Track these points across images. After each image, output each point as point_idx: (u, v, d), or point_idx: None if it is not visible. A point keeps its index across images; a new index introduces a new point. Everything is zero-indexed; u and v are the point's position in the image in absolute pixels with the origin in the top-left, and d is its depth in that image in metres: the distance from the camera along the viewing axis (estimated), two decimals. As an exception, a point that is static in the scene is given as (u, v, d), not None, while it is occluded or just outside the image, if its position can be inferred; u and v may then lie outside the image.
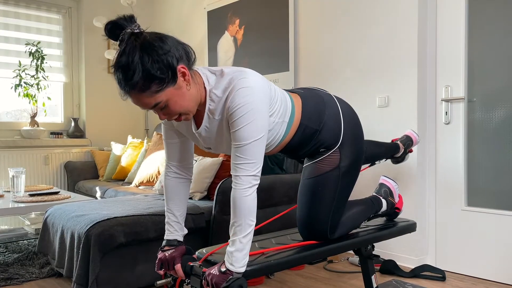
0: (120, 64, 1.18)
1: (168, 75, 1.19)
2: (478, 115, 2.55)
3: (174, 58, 1.20)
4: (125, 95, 1.22)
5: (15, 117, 4.46)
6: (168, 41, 1.22)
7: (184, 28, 4.55)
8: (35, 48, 4.34)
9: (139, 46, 1.17)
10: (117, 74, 1.19)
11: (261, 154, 1.29)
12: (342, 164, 1.53)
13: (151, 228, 2.24)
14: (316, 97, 1.56)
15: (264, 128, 1.28)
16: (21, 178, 3.16)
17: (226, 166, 2.81)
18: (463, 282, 2.48)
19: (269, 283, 2.45)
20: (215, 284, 1.23)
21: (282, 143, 1.51)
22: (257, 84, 1.28)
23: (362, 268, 1.84)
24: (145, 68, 1.16)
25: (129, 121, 5.03)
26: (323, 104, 1.55)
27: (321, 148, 1.54)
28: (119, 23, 1.19)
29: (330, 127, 1.53)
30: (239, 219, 1.26)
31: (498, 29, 2.45)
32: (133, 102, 1.23)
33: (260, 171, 1.29)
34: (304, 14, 3.33)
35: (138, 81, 1.17)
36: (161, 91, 1.20)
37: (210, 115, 1.33)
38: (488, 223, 2.50)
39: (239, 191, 1.26)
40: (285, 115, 1.44)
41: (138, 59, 1.16)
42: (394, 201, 1.86)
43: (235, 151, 1.28)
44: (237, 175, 1.27)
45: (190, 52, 1.28)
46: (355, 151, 1.57)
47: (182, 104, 1.26)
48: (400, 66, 2.74)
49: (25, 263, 2.76)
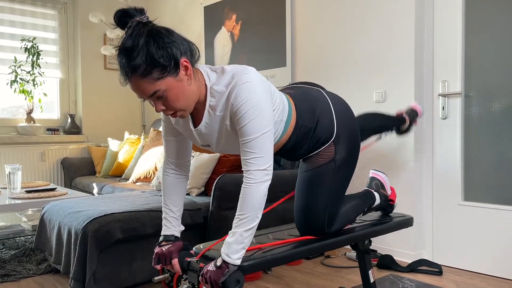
0: (125, 45, 1.18)
1: (171, 64, 1.20)
2: (475, 110, 2.55)
3: (178, 50, 1.22)
4: (125, 80, 1.22)
5: (11, 114, 4.44)
6: (175, 34, 1.25)
7: (180, 23, 4.53)
8: (30, 44, 4.31)
9: (146, 32, 1.19)
10: (120, 56, 1.20)
11: (270, 148, 1.28)
12: (337, 157, 1.54)
13: (149, 224, 2.24)
14: (306, 96, 1.57)
15: (270, 121, 1.28)
16: (18, 175, 3.15)
17: (223, 161, 2.80)
18: (460, 276, 2.49)
19: (266, 278, 2.45)
20: (213, 280, 1.23)
21: (279, 143, 1.51)
22: (258, 80, 1.29)
23: (359, 263, 1.85)
24: (149, 52, 1.17)
25: (126, 117, 5.01)
26: (314, 102, 1.56)
27: (317, 144, 1.55)
28: (129, 12, 1.21)
29: (324, 123, 1.53)
30: (246, 212, 1.25)
31: (495, 24, 2.45)
32: (132, 89, 1.23)
33: (272, 167, 1.28)
34: (301, 9, 3.32)
35: (141, 64, 1.17)
36: (161, 79, 1.20)
37: (211, 111, 1.33)
38: (484, 217, 2.51)
39: (252, 185, 1.25)
40: (283, 114, 1.45)
41: (144, 43, 1.18)
42: (387, 193, 1.86)
43: (243, 147, 1.27)
44: (248, 170, 1.26)
45: (195, 50, 1.30)
46: (350, 144, 1.57)
47: (180, 98, 1.25)
48: (397, 61, 2.74)
49: (22, 260, 2.75)
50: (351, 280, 2.42)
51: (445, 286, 2.33)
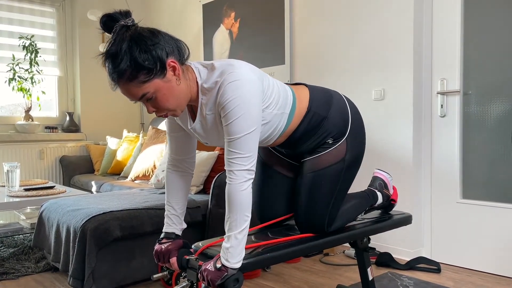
0: (110, 52, 1.19)
1: (156, 66, 1.20)
2: (473, 108, 2.55)
3: (163, 51, 1.21)
4: (114, 85, 1.23)
5: (10, 112, 4.43)
6: (159, 35, 1.23)
7: (179, 21, 4.52)
8: (28, 42, 4.30)
9: (128, 36, 1.19)
10: (106, 62, 1.21)
11: (255, 147, 1.28)
12: (348, 156, 1.53)
13: (147, 222, 2.23)
14: (322, 89, 1.60)
15: (256, 121, 1.27)
16: (16, 173, 3.15)
17: (222, 160, 2.80)
18: (458, 274, 2.50)
19: (265, 276, 2.46)
20: (211, 280, 1.23)
21: (284, 134, 1.50)
22: (247, 77, 1.27)
23: (358, 260, 1.85)
24: (132, 57, 1.17)
25: (124, 115, 5.01)
26: (329, 95, 1.57)
27: (328, 138, 1.53)
28: (114, 16, 1.21)
29: (338, 115, 1.53)
30: (234, 214, 1.26)
31: (493, 22, 2.45)
32: (122, 93, 1.24)
33: (255, 165, 1.29)
34: (300, 7, 3.31)
35: (126, 69, 1.18)
36: (148, 81, 1.20)
37: (204, 108, 1.33)
38: (483, 215, 2.52)
39: (234, 186, 1.25)
40: (285, 107, 1.44)
41: (127, 48, 1.18)
42: (389, 193, 1.86)
43: (227, 146, 1.27)
44: (231, 170, 1.26)
45: (183, 48, 1.28)
46: (360, 144, 1.58)
47: (170, 98, 1.25)
48: (396, 59, 2.74)
49: (20, 258, 2.75)
50: (350, 278, 2.42)
51: (444, 283, 2.33)
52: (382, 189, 1.84)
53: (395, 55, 2.74)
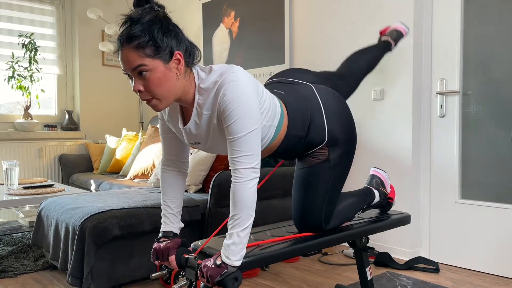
0: (131, 16, 1.22)
1: (165, 49, 1.23)
2: (472, 108, 2.55)
3: (177, 41, 1.25)
4: (118, 48, 1.23)
5: (9, 110, 4.42)
6: (181, 31, 1.28)
7: (179, 20, 4.51)
8: (28, 40, 4.29)
9: (155, 14, 1.23)
10: (123, 25, 1.22)
11: (258, 146, 1.28)
12: (332, 157, 1.54)
13: (146, 220, 2.23)
14: (297, 96, 1.55)
15: (257, 120, 1.28)
16: (15, 171, 3.15)
17: (221, 158, 2.80)
18: (456, 274, 2.50)
19: (264, 275, 2.46)
20: (210, 277, 1.24)
21: (269, 148, 1.50)
22: (246, 78, 1.29)
23: (356, 260, 1.85)
24: (150, 30, 1.20)
25: (123, 114, 5.00)
26: (305, 104, 1.53)
27: (310, 147, 1.55)
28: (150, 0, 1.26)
29: (315, 128, 1.52)
30: (239, 212, 1.26)
31: (493, 22, 2.45)
32: (120, 58, 1.23)
33: (259, 164, 1.29)
34: (300, 6, 3.31)
35: (138, 36, 1.19)
36: (152, 57, 1.21)
37: (199, 109, 1.33)
38: (481, 215, 2.52)
39: (240, 184, 1.26)
40: (274, 119, 1.43)
41: (149, 20, 1.21)
42: (386, 191, 1.86)
43: (231, 145, 1.27)
44: (236, 169, 1.26)
45: (196, 53, 1.32)
46: (345, 144, 1.56)
47: (162, 85, 1.24)
48: (396, 59, 2.74)
49: (19, 256, 2.75)
50: (349, 278, 2.42)
51: (442, 283, 2.34)
52: (379, 187, 1.85)
53: (395, 55, 2.74)
